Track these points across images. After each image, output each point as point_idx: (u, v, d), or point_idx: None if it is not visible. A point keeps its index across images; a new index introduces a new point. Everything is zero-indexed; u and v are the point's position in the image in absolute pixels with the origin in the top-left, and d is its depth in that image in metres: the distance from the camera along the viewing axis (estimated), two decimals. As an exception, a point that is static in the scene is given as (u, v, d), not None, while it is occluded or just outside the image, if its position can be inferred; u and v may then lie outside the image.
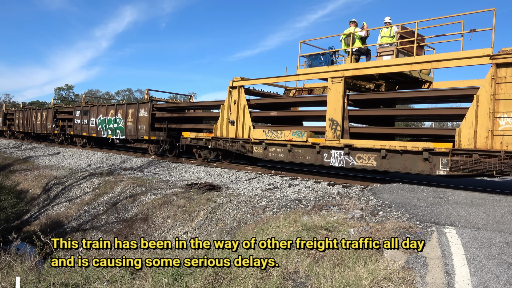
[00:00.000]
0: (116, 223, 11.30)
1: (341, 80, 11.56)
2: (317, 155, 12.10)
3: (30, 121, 32.61)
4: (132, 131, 20.64)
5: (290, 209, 8.51)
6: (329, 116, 11.83)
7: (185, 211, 10.32)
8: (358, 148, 11.10)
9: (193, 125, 18.54)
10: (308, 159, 12.38)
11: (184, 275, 4.63)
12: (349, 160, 11.29)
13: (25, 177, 18.83)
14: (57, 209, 14.11)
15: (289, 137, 12.75)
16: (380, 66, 11.11)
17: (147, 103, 19.85)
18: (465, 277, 4.21)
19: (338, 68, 11.87)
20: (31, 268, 5.15)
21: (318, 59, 12.45)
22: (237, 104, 14.79)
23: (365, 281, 4.20)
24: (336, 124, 11.60)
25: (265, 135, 13.54)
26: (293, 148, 12.75)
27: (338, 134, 11.52)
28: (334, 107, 11.68)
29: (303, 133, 12.39)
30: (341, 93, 11.54)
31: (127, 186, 13.45)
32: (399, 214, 6.84)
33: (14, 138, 37.01)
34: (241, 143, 14.31)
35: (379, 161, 10.71)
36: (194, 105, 20.63)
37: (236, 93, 14.85)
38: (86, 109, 24.92)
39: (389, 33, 11.78)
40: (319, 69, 12.34)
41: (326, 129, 11.85)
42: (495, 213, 6.97)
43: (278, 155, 13.26)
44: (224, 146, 15.01)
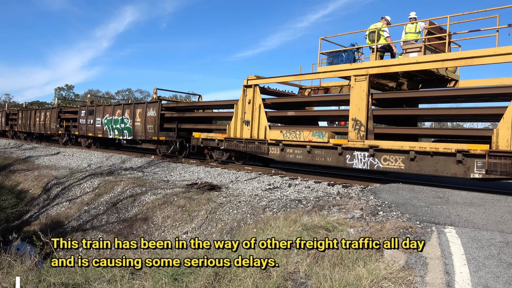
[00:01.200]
0: (116, 223, 11.30)
1: (365, 78, 11.04)
2: (339, 157, 11.57)
3: (33, 121, 32.05)
4: (140, 131, 20.09)
5: (290, 209, 8.51)
6: (352, 116, 11.27)
7: (185, 211, 10.32)
8: (384, 149, 10.58)
9: (205, 126, 18.02)
10: (329, 161, 11.83)
11: (184, 275, 4.63)
12: (374, 162, 10.78)
13: (25, 177, 18.84)
14: (57, 209, 14.11)
15: (309, 137, 12.19)
16: (408, 63, 10.55)
17: (156, 103, 19.24)
18: (465, 277, 4.21)
19: (362, 66, 11.34)
20: (31, 268, 5.15)
21: (340, 56, 11.93)
22: (252, 103, 14.26)
23: (365, 281, 4.20)
24: (360, 124, 11.06)
25: (282, 135, 13.01)
26: (313, 150, 12.20)
27: (362, 135, 10.99)
28: (358, 106, 11.14)
29: (324, 134, 11.86)
30: (365, 91, 11.02)
31: (127, 186, 13.45)
32: (399, 214, 6.84)
33: (17, 138, 36.49)
34: (257, 144, 13.82)
35: (407, 163, 10.19)
36: (206, 104, 19.91)
37: (251, 92, 14.31)
38: (91, 109, 24.31)
39: (414, 29, 11.30)
40: (341, 67, 11.76)
41: (349, 130, 11.32)
42: (495, 213, 6.97)
43: (296, 157, 12.72)
44: (238, 147, 14.56)
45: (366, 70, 11.16)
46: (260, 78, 14.27)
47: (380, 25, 11.76)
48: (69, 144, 27.85)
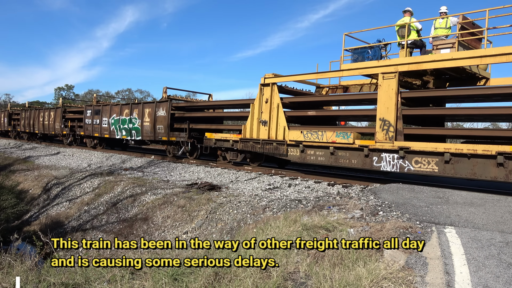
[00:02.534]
0: (116, 223, 11.30)
1: (395, 76, 10.54)
2: (365, 159, 10.99)
3: (37, 121, 31.47)
4: (149, 131, 19.41)
5: (290, 209, 8.51)
6: (380, 116, 10.74)
7: (185, 211, 10.32)
8: (415, 151, 10.02)
9: (217, 126, 17.52)
10: (354, 163, 11.25)
11: (184, 275, 4.63)
12: (404, 165, 10.26)
13: (25, 177, 18.84)
14: (57, 209, 14.12)
15: (332, 138, 11.59)
16: (442, 60, 9.95)
17: (166, 102, 18.53)
18: (465, 277, 4.21)
19: (391, 63, 10.80)
20: (31, 268, 5.15)
21: (365, 53, 11.40)
22: (269, 102, 13.68)
23: (365, 281, 4.20)
24: (389, 125, 10.54)
25: (303, 136, 12.38)
26: (336, 151, 11.61)
27: (391, 136, 10.49)
28: (386, 105, 10.61)
29: (349, 135, 11.25)
30: (394, 90, 10.49)
31: (127, 186, 13.45)
32: (399, 214, 6.84)
33: (20, 138, 35.88)
34: (275, 145, 13.24)
35: (442, 166, 9.64)
36: (219, 104, 18.97)
37: (269, 91, 13.73)
38: (98, 109, 23.61)
39: (445, 24, 10.76)
40: (368, 64, 11.23)
41: (376, 130, 10.79)
42: (495, 213, 6.98)
43: (317, 159, 12.12)
44: (255, 148, 13.99)
45: (396, 68, 10.62)
46: (277, 76, 13.77)
47: (408, 19, 11.22)
48: (74, 144, 27.28)
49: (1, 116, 39.67)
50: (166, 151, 19.78)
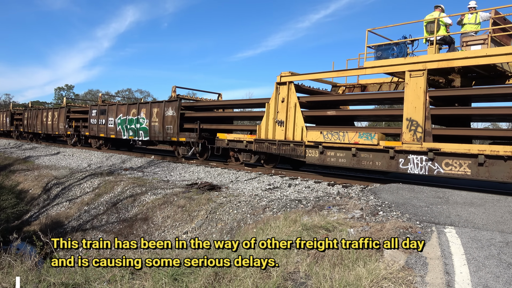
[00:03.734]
0: (116, 223, 11.30)
1: (423, 73, 10.05)
2: (390, 161, 10.51)
3: (40, 121, 31.02)
4: (157, 132, 18.85)
5: (290, 209, 8.51)
6: (407, 116, 10.26)
7: (185, 211, 10.32)
8: (446, 153, 9.54)
9: (229, 126, 17.17)
10: (378, 165, 10.77)
11: (184, 275, 4.63)
12: (434, 167, 9.75)
13: (25, 177, 18.84)
14: (57, 209, 14.12)
15: (355, 139, 11.09)
16: (475, 56, 9.47)
17: (175, 101, 18.00)
18: (465, 277, 4.21)
19: (419, 60, 10.29)
20: (31, 268, 5.15)
21: (390, 50, 10.95)
22: (286, 102, 13.18)
23: (365, 281, 4.20)
24: (416, 125, 10.06)
25: (322, 137, 11.84)
26: (359, 153, 11.12)
27: (418, 137, 10.00)
28: (414, 105, 10.15)
29: (373, 135, 10.75)
30: (422, 88, 10.03)
31: (127, 186, 13.45)
32: (399, 214, 6.84)
33: (22, 139, 35.36)
34: (292, 146, 12.71)
35: (475, 168, 9.15)
36: (230, 103, 18.38)
37: (285, 90, 13.20)
38: (103, 108, 23.07)
39: (474, 19, 10.42)
40: (394, 61, 10.73)
41: (403, 131, 10.31)
42: (495, 213, 6.98)
43: (338, 160, 11.61)
44: (270, 149, 13.46)
45: (424, 65, 10.11)
46: (294, 75, 13.29)
47: (437, 14, 10.77)
48: (78, 145, 26.87)
49: (3, 116, 39.30)
50: (174, 152, 19.31)
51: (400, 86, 13.25)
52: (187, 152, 17.99)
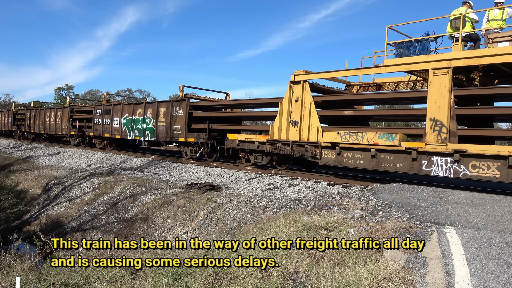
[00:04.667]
0: (116, 223, 11.30)
1: (447, 71, 9.72)
2: (413, 163, 10.12)
3: (43, 121, 30.61)
4: (164, 132, 18.37)
5: (290, 209, 8.51)
6: (431, 116, 9.91)
7: (185, 211, 10.32)
8: (473, 154, 9.17)
9: (242, 126, 16.74)
10: (399, 167, 10.38)
11: (184, 275, 4.63)
12: (460, 169, 9.41)
13: (25, 177, 18.85)
14: (57, 209, 14.12)
15: (374, 140, 10.71)
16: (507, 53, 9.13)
17: (183, 101, 17.51)
18: (465, 277, 4.21)
19: (443, 57, 9.94)
20: (31, 268, 5.15)
21: (412, 47, 10.63)
22: (300, 101, 12.76)
23: (365, 281, 4.21)
24: (441, 125, 9.74)
25: (339, 137, 11.44)
26: (378, 154, 10.71)
27: (443, 138, 9.67)
28: (438, 104, 9.79)
29: (395, 136, 10.34)
30: (447, 87, 9.69)
31: (127, 186, 13.45)
32: (399, 214, 6.84)
33: (24, 139, 34.83)
34: (307, 147, 12.27)
35: (505, 171, 8.80)
36: (242, 103, 17.87)
37: (299, 89, 12.79)
38: (108, 108, 22.59)
39: (501, 15, 10.18)
40: (417, 59, 10.38)
41: (426, 131, 9.97)
42: (495, 213, 6.98)
43: (356, 162, 11.21)
44: (284, 150, 13.07)
45: (449, 63, 9.75)
46: (309, 73, 12.85)
47: (464, 10, 10.48)
48: (82, 145, 26.45)
49: (5, 116, 38.94)
50: (182, 153, 18.86)
51: (418, 85, 13.05)
52: (195, 153, 17.61)
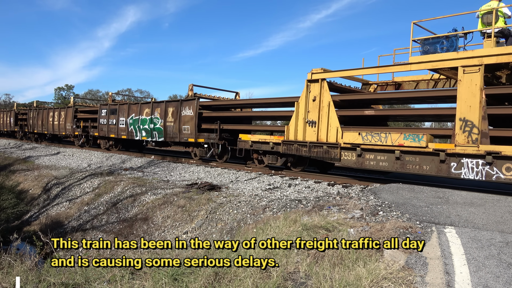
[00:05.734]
0: (116, 223, 11.30)
1: (479, 69, 9.35)
2: (440, 165, 9.71)
3: (46, 121, 30.15)
4: (173, 132, 17.91)
5: (290, 209, 8.51)
6: (460, 116, 9.53)
7: (185, 211, 10.32)
8: (508, 156, 8.79)
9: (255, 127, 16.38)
10: (426, 169, 9.97)
11: (184, 275, 4.63)
12: (492, 172, 9.00)
13: (25, 177, 18.84)
14: (57, 209, 14.12)
15: (399, 141, 10.30)
16: None
17: (192, 100, 17.05)
18: (465, 277, 4.21)
19: (474, 54, 9.52)
20: (31, 268, 5.15)
21: (440, 44, 10.23)
22: (317, 100, 12.30)
23: (365, 281, 4.20)
24: (471, 126, 9.34)
25: (361, 138, 11.05)
26: (403, 156, 10.29)
27: (474, 139, 9.30)
28: (468, 103, 9.40)
29: (421, 137, 9.95)
30: (478, 85, 9.30)
31: (127, 186, 13.45)
32: (399, 214, 6.84)
33: (27, 139, 34.43)
34: (325, 148, 11.86)
35: None
36: (253, 102, 17.33)
37: (317, 88, 12.33)
38: (114, 108, 22.14)
39: None
40: (445, 56, 9.96)
41: (456, 132, 9.57)
42: (495, 213, 6.98)
43: (379, 164, 10.79)
44: (300, 151, 12.64)
45: (480, 60, 9.35)
46: (327, 72, 12.39)
47: (496, 4, 10.15)
48: (86, 146, 26.11)
49: (7, 116, 38.52)
50: (191, 154, 18.39)
51: (440, 83, 12.82)
52: (205, 154, 17.19)
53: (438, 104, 13.18)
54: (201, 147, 17.28)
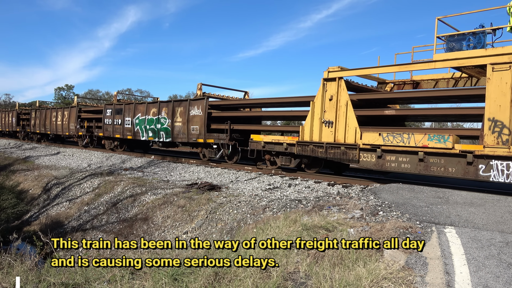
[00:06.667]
0: (116, 223, 11.30)
1: (509, 67, 9.00)
2: (468, 167, 9.35)
3: (49, 121, 29.78)
4: (181, 132, 17.51)
5: (290, 209, 8.51)
6: (489, 116, 9.16)
7: (185, 211, 10.32)
8: None
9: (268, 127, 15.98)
10: (452, 172, 9.60)
11: (184, 275, 4.63)
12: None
13: (25, 177, 18.84)
14: (57, 209, 14.12)
15: (423, 142, 9.96)
16: None
17: (202, 100, 16.59)
18: (465, 277, 4.21)
19: (505, 51, 9.14)
20: (31, 268, 5.15)
21: (466, 41, 9.90)
22: (335, 100, 11.93)
23: (365, 281, 4.20)
24: (501, 126, 8.98)
25: (382, 139, 10.72)
26: (427, 157, 9.94)
27: (504, 140, 8.92)
28: (497, 103, 9.08)
29: (447, 138, 9.61)
30: (508, 84, 9.01)
31: (127, 186, 13.45)
32: (399, 214, 6.84)
33: (29, 139, 34.18)
34: (343, 149, 11.53)
35: None
36: (263, 102, 16.87)
37: (334, 87, 11.95)
38: (119, 108, 21.73)
39: None
40: (472, 53, 9.60)
41: (485, 133, 9.25)
42: (495, 213, 6.98)
43: (401, 166, 10.44)
44: (316, 152, 12.29)
45: (510, 57, 9.00)
46: (344, 70, 12.03)
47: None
48: (90, 146, 25.74)
49: (9, 116, 38.15)
50: (199, 155, 17.97)
51: (461, 82, 12.54)
52: (214, 155, 16.77)
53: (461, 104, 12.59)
54: (210, 147, 16.94)
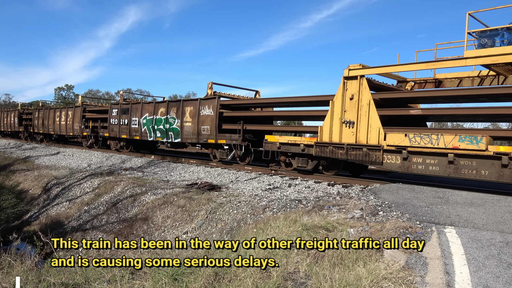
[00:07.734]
0: (116, 223, 11.30)
1: None
2: (502, 170, 8.91)
3: (52, 121, 29.22)
4: (190, 133, 17.00)
5: (290, 209, 8.51)
6: None
7: (185, 211, 10.32)
8: None
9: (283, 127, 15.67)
10: (485, 174, 9.17)
11: (184, 275, 4.63)
12: None
13: (25, 177, 18.84)
14: (57, 209, 14.12)
15: (453, 143, 9.51)
16: None
17: (213, 99, 16.05)
18: (465, 277, 4.21)
19: None
20: (31, 268, 5.15)
21: (500, 37, 9.54)
22: (356, 99, 11.43)
23: (365, 281, 4.20)
24: None
25: (408, 140, 10.26)
26: (457, 159, 9.48)
27: None
28: None
29: (480, 139, 9.15)
30: None
31: (127, 186, 13.45)
32: (399, 214, 6.84)
33: (32, 140, 33.72)
34: (365, 150, 11.03)
35: None
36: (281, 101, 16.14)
37: (356, 86, 11.45)
38: (125, 107, 21.28)
39: None
40: (507, 50, 9.18)
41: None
42: (495, 213, 6.98)
43: (428, 168, 9.95)
44: (335, 154, 11.77)
45: None
46: (365, 68, 11.60)
47: None
48: (95, 147, 25.27)
49: (11, 116, 37.63)
50: (210, 156, 17.47)
51: (487, 80, 12.18)
52: (226, 156, 16.30)
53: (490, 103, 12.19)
54: (221, 148, 16.46)
